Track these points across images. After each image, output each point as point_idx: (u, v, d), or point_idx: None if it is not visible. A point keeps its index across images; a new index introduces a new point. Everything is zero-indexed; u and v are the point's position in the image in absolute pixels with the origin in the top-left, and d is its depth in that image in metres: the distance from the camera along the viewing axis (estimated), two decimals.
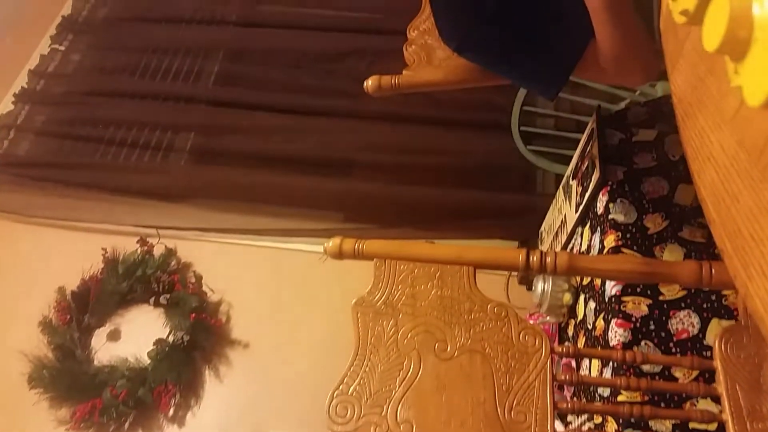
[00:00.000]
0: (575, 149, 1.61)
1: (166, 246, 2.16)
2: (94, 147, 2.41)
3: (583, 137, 1.55)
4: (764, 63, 0.36)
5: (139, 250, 2.13)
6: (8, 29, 2.65)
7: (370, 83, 1.25)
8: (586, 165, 1.48)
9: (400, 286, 0.87)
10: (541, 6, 1.02)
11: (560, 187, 1.70)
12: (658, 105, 1.56)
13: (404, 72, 1.30)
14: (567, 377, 0.87)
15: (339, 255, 0.92)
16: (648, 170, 1.37)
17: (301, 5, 2.64)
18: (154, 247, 2.14)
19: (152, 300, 2.06)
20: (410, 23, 1.37)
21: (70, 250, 2.22)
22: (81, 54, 2.68)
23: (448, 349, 0.84)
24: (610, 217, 1.31)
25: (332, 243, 0.92)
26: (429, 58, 1.30)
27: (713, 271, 0.82)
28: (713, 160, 0.46)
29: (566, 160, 1.70)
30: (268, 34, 2.57)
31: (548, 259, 0.84)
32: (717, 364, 0.85)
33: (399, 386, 0.81)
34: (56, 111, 2.54)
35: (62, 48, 2.69)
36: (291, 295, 2.07)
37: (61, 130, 2.48)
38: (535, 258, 0.85)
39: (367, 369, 0.83)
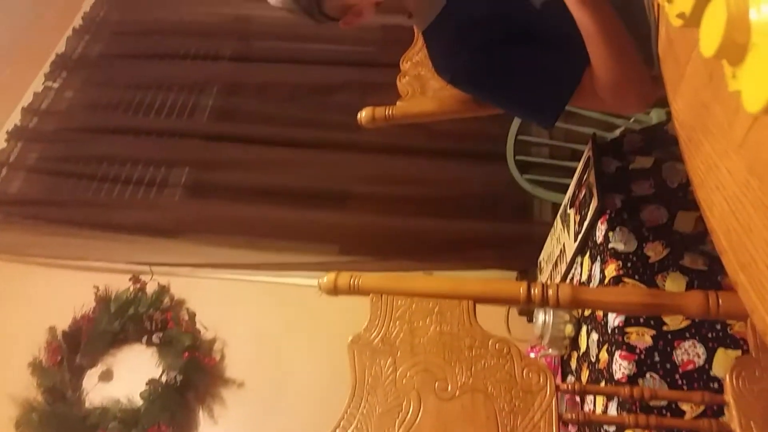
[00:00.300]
0: (571, 178, 1.59)
1: (159, 283, 2.12)
2: (86, 184, 2.39)
3: (580, 165, 1.54)
4: (762, 68, 0.35)
5: (131, 288, 2.09)
6: (2, 67, 2.65)
7: (363, 114, 1.24)
8: (583, 193, 1.46)
9: (397, 323, 0.84)
10: (536, 35, 1.02)
11: (558, 216, 1.68)
12: (653, 132, 1.55)
13: (398, 103, 1.29)
14: (573, 416, 0.83)
15: (334, 291, 0.89)
16: (646, 198, 1.36)
17: (296, 40, 2.65)
18: (146, 284, 2.10)
19: (145, 339, 2.02)
20: (403, 55, 1.37)
21: (61, 289, 2.18)
22: (75, 91, 2.68)
23: (449, 388, 0.80)
24: (610, 245, 1.29)
25: (327, 278, 0.90)
26: (423, 89, 1.30)
27: (720, 301, 0.79)
28: (722, 189, 0.44)
29: (563, 189, 1.68)
30: (262, 68, 2.58)
31: (550, 292, 0.81)
32: (729, 398, 0.81)
33: (398, 429, 0.77)
34: (49, 148, 2.53)
35: (56, 85, 2.69)
36: (286, 332, 2.03)
37: (54, 167, 2.46)
38: (536, 291, 0.82)
39: (365, 411, 0.79)
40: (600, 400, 1.24)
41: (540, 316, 1.42)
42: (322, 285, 0.89)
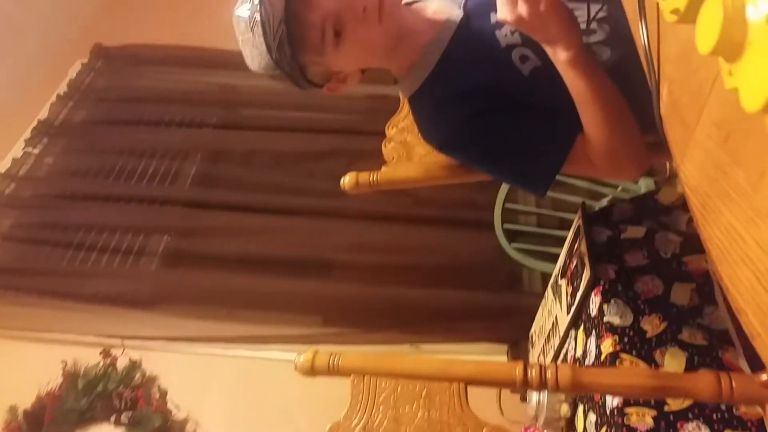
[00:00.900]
0: (561, 247, 1.55)
1: (130, 358, 2.01)
2: (61, 252, 2.31)
3: (570, 235, 1.50)
4: (760, 67, 0.35)
5: (101, 363, 1.98)
6: None
7: (347, 180, 1.19)
8: (575, 263, 1.41)
9: (381, 408, 0.76)
10: (526, 102, 0.98)
11: (548, 286, 1.62)
12: (643, 201, 1.52)
13: (383, 168, 1.25)
14: None
15: (311, 371, 0.81)
16: (640, 269, 1.31)
17: (282, 108, 2.64)
18: (117, 359, 1.99)
19: (113, 418, 1.89)
20: (389, 121, 1.34)
21: (26, 364, 2.05)
22: (55, 157, 2.64)
23: None
24: (606, 319, 1.23)
25: (304, 358, 0.82)
26: (408, 154, 1.26)
27: (733, 384, 0.72)
28: (750, 263, 0.39)
29: (552, 259, 1.64)
30: (247, 136, 2.57)
31: (548, 374, 0.74)
32: None
33: None
34: (25, 215, 2.45)
35: (36, 151, 2.64)
36: (263, 412, 1.91)
37: (29, 235, 2.38)
38: (533, 373, 0.75)
39: None
40: None
41: (534, 396, 1.34)
42: (299, 365, 0.81)
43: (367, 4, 0.94)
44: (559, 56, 0.84)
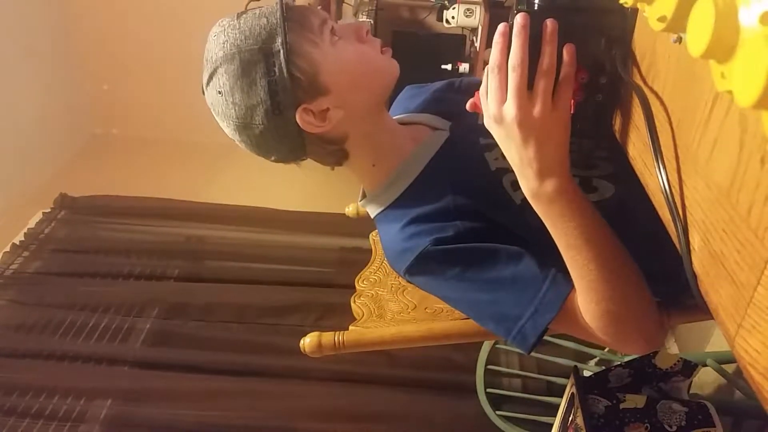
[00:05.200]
0: (550, 415, 1.39)
1: None
2: None
3: (563, 403, 1.35)
4: (753, 63, 0.35)
5: None
6: None
7: (307, 342, 1.02)
8: None
9: None
10: (516, 232, 0.84)
11: None
12: (641, 366, 1.39)
13: (351, 327, 1.10)
14: None
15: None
16: None
17: (250, 260, 2.56)
18: None
19: None
20: (359, 273, 1.22)
21: None
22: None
23: None
24: None
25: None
26: (380, 311, 1.12)
27: None
28: None
29: (542, 428, 1.46)
30: (210, 288, 2.43)
31: None
32: None
33: None
34: None
35: None
36: None
37: None
38: None
39: None
40: None
41: None
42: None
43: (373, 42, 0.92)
44: (545, 186, 0.69)
